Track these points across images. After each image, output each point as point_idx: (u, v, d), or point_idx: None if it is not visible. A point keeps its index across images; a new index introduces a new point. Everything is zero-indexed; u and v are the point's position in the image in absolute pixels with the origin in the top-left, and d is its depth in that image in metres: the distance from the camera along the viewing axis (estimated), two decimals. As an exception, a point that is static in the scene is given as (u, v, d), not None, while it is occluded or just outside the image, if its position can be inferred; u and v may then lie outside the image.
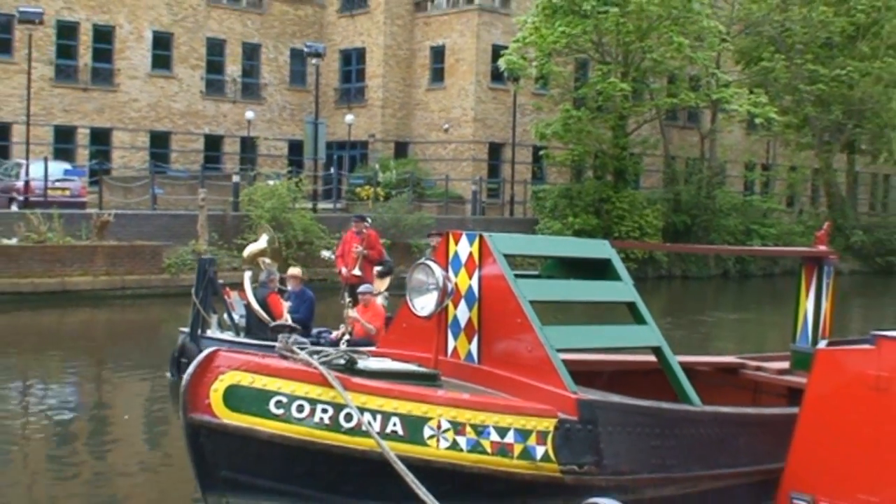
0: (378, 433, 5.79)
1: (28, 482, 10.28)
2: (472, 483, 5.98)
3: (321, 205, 35.15)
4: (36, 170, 30.38)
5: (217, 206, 29.70)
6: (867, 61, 43.63)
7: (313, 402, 5.88)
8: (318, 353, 6.22)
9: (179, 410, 5.86)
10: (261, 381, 5.90)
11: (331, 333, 14.23)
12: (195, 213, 27.59)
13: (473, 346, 6.84)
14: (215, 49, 44.77)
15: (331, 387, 5.86)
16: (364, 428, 5.81)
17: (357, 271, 15.68)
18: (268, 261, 14.83)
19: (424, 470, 5.52)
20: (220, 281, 14.58)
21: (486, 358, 6.76)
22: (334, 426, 5.85)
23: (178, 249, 26.16)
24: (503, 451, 6.05)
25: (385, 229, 31.73)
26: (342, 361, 6.19)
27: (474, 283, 6.84)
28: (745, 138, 50.33)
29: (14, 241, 24.61)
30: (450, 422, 6.00)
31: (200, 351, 13.29)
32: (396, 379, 6.27)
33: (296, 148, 44.93)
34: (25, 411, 13.37)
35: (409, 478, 5.40)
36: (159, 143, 43.02)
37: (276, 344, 6.45)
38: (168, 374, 14.25)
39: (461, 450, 5.98)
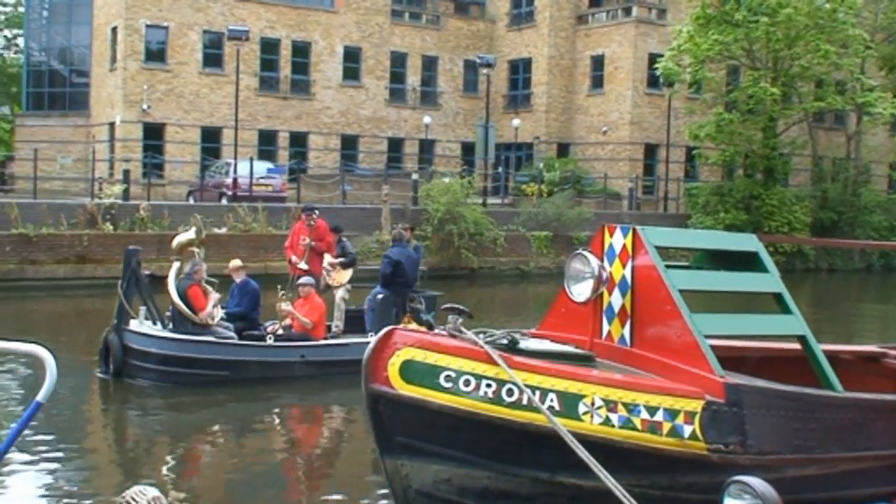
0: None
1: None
2: (623, 457, 5.86)
3: (490, 200, 35.34)
4: (242, 168, 31.46)
5: (398, 200, 30.17)
6: None
7: (479, 377, 5.86)
8: (483, 332, 6.23)
9: (361, 382, 5.92)
10: (433, 357, 5.90)
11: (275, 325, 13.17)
12: (379, 206, 28.17)
13: (626, 331, 6.72)
14: (398, 62, 45.38)
15: (495, 364, 5.83)
16: (525, 402, 5.77)
17: (304, 264, 14.29)
18: (196, 251, 13.25)
19: (579, 443, 5.45)
20: (146, 272, 13.05)
21: (638, 342, 6.63)
22: (497, 399, 5.82)
23: (365, 239, 26.61)
24: (653, 428, 5.92)
25: (548, 223, 31.68)
26: (505, 341, 6.17)
27: (627, 272, 6.71)
28: (888, 139, 48.17)
29: (224, 231, 25.54)
30: (603, 399, 5.91)
31: (122, 343, 12.23)
32: (554, 359, 6.20)
33: (468, 149, 45.24)
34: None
35: (577, 447, 5.24)
36: (349, 145, 43.89)
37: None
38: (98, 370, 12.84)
39: (613, 426, 5.88)
